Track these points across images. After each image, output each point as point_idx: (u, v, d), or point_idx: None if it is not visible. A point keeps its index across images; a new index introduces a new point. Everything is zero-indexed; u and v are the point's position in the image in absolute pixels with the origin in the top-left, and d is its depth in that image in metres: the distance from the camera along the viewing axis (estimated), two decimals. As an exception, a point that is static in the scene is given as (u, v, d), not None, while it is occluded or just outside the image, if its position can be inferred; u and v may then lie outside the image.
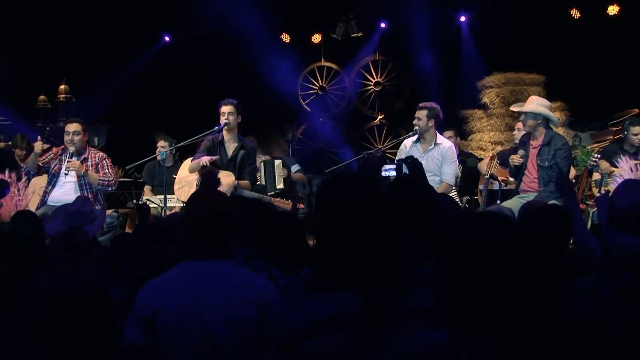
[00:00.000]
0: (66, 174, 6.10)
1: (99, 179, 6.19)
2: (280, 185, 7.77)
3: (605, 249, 2.49)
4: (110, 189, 6.33)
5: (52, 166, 6.28)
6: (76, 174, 6.15)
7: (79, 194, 6.08)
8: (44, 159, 6.29)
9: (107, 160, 6.36)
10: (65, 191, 6.19)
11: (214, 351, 2.24)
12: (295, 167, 8.34)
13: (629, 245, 2.19)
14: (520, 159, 5.96)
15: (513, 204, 5.64)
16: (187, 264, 2.39)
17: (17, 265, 2.75)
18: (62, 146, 6.31)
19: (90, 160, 6.29)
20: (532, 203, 4.71)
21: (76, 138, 6.15)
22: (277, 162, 7.98)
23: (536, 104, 5.97)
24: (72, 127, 6.18)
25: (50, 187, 6.26)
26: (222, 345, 2.24)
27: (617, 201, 2.33)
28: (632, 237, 2.22)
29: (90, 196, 6.12)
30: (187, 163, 6.55)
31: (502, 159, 6.47)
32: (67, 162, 6.07)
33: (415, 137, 6.33)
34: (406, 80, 10.72)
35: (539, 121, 5.87)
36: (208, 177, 3.97)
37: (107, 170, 6.29)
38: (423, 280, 1.92)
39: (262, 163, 7.89)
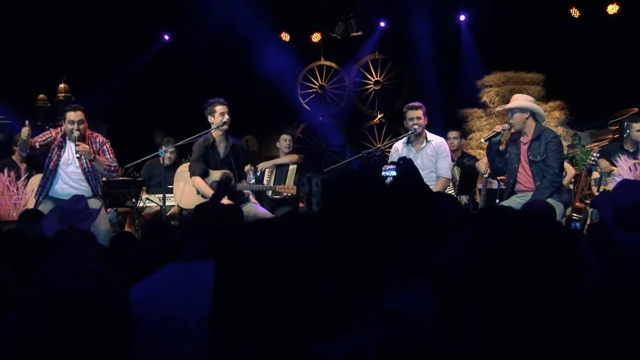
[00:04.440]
0: (78, 158, 5.95)
1: (106, 164, 6.05)
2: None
3: (603, 247, 2.50)
4: (114, 174, 6.21)
5: (51, 155, 6.08)
6: (84, 159, 5.99)
7: (85, 185, 6.02)
8: (42, 140, 6.07)
9: (107, 144, 6.22)
10: (71, 181, 6.06)
11: (195, 352, 2.24)
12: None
13: (635, 243, 2.20)
14: (501, 128, 5.84)
15: (512, 204, 5.63)
16: (171, 266, 2.40)
17: (18, 265, 2.74)
18: (61, 132, 6.12)
19: (92, 146, 6.11)
20: (532, 203, 4.72)
21: (81, 127, 5.99)
22: (292, 167, 7.93)
23: (522, 99, 5.94)
24: (77, 115, 5.99)
25: (50, 179, 6.07)
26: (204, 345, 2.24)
27: (620, 200, 2.34)
28: (638, 235, 2.23)
29: (94, 188, 6.04)
30: (184, 169, 6.57)
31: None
32: (77, 145, 5.90)
33: (405, 138, 6.36)
34: (405, 79, 10.72)
35: (527, 115, 5.77)
36: (226, 182, 4.06)
37: (108, 155, 6.16)
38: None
39: (275, 167, 7.89)
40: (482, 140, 5.92)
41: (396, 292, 1.88)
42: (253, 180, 7.66)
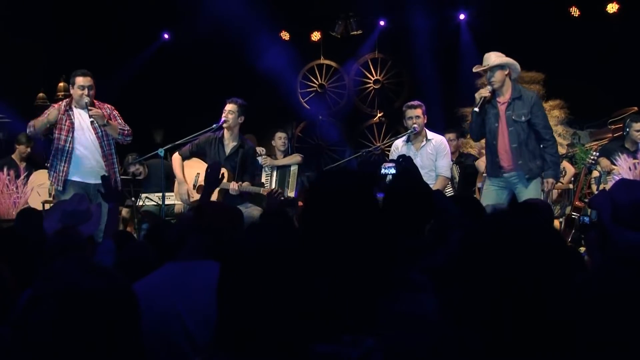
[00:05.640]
0: (92, 123, 5.79)
1: (119, 129, 5.91)
2: (291, 193, 7.68)
3: (603, 245, 2.50)
4: (128, 139, 6.05)
5: (61, 125, 5.83)
6: (97, 125, 5.83)
7: (101, 156, 5.88)
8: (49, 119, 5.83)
9: (115, 110, 6.11)
10: (88, 155, 5.86)
11: (193, 351, 2.24)
12: None
13: (634, 241, 2.20)
14: (488, 92, 5.68)
15: (491, 196, 5.58)
16: (170, 265, 2.39)
17: (17, 265, 2.73)
18: (63, 101, 5.94)
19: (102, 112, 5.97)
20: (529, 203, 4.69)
21: (91, 92, 5.84)
22: (293, 169, 7.90)
23: (496, 56, 5.79)
24: (87, 80, 5.83)
25: (69, 148, 5.81)
26: (201, 345, 2.24)
27: (618, 199, 2.34)
28: (637, 233, 2.24)
29: (109, 155, 5.93)
30: (177, 158, 6.56)
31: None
32: (89, 109, 5.74)
33: (405, 137, 6.36)
34: (405, 78, 10.72)
35: (506, 72, 5.69)
36: (212, 173, 3.89)
37: (120, 120, 6.02)
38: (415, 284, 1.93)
39: (277, 169, 7.86)
40: (475, 109, 5.73)
41: (405, 292, 1.86)
42: (265, 161, 7.64)
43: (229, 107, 6.30)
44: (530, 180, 5.57)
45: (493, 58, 5.74)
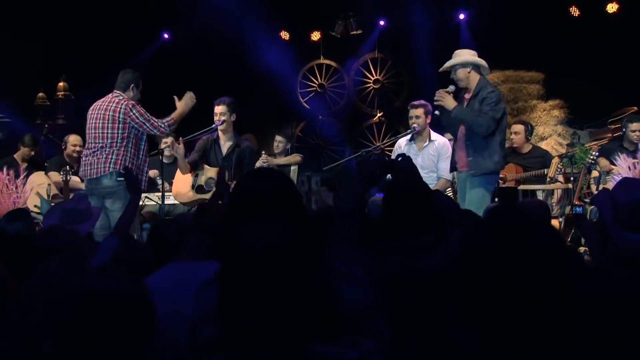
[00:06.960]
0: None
1: None
2: None
3: (603, 245, 2.50)
4: None
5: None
6: None
7: None
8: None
9: None
10: None
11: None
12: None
13: (634, 242, 2.20)
14: (449, 91, 5.51)
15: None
16: (172, 265, 2.39)
17: (13, 264, 2.72)
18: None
19: None
20: (527, 202, 4.71)
21: None
22: (293, 168, 7.88)
23: (460, 54, 5.69)
24: None
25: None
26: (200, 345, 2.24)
27: (619, 199, 2.34)
28: (636, 234, 2.24)
29: None
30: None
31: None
32: None
33: (409, 136, 6.35)
34: (405, 78, 10.72)
35: (469, 70, 5.50)
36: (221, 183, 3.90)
37: None
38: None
39: (276, 168, 7.83)
40: (436, 112, 5.58)
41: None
42: (265, 159, 7.61)
43: (219, 109, 6.33)
44: (475, 176, 5.37)
45: (456, 57, 5.66)
